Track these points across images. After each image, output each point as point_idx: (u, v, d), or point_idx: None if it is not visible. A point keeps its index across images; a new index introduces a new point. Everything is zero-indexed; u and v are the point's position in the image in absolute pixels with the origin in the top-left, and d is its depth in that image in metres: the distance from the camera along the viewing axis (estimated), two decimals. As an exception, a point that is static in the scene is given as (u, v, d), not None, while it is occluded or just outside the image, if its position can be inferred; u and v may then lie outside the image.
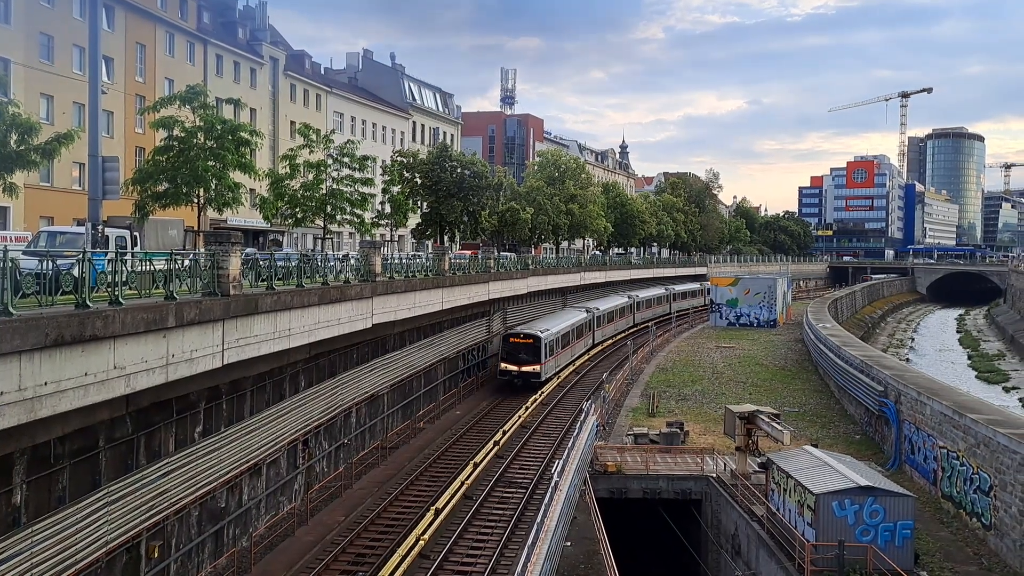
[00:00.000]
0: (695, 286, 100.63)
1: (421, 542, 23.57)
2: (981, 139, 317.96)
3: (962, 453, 26.85)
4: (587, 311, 62.05)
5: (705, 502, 30.62)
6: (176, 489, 18.90)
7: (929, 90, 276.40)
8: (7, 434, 13.11)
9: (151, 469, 18.02)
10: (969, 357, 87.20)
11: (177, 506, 18.81)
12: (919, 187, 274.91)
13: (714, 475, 30.57)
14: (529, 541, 19.32)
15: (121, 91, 49.13)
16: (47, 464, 15.04)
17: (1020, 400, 60.36)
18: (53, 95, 44.01)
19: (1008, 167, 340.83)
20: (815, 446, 29.37)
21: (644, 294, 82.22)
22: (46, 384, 13.02)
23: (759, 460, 29.08)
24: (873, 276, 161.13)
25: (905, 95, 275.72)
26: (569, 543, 24.26)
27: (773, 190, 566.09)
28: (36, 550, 14.48)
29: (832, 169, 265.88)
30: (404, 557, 22.36)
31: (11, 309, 12.69)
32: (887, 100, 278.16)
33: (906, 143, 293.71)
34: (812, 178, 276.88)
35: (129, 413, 17.21)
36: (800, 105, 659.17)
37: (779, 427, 28.42)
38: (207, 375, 18.93)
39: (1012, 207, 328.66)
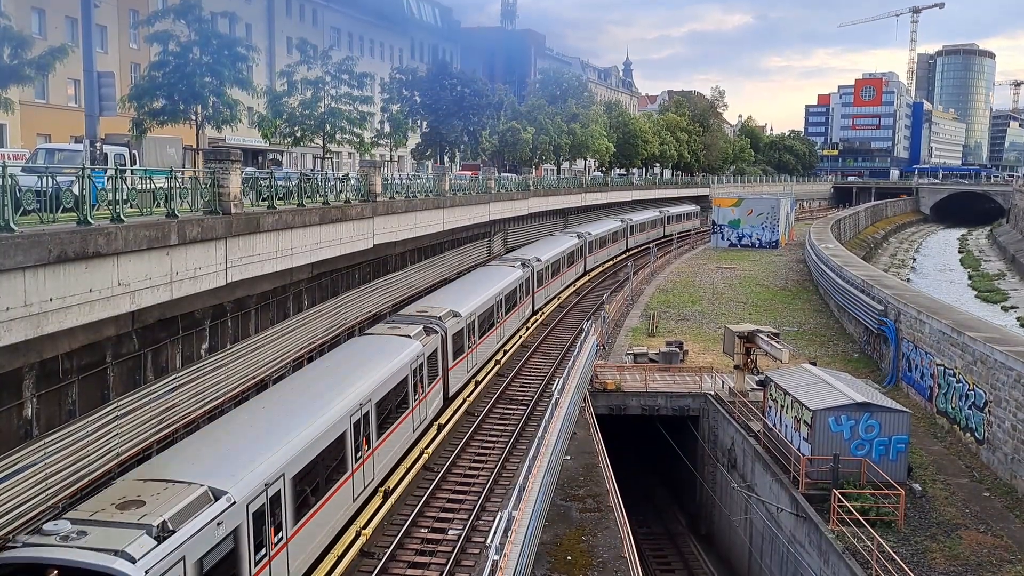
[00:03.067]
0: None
1: (425, 455, 24.10)
2: (992, 56, 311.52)
3: (959, 370, 27.21)
4: (415, 336, 24.77)
5: (703, 418, 31.22)
6: (185, 404, 19.22)
7: (941, 5, 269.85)
8: (15, 349, 13.27)
9: (159, 384, 18.30)
10: (970, 277, 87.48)
11: (187, 419, 19.16)
12: (927, 105, 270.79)
13: (712, 393, 31.07)
14: (530, 454, 19.77)
15: (114, 5, 47.91)
16: (56, 379, 15.26)
17: (1018, 319, 60.83)
18: (44, 9, 42.99)
19: (1017, 85, 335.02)
20: (813, 364, 29.76)
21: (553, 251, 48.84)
22: (51, 300, 13.10)
23: (757, 378, 29.51)
24: (906, 196, 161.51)
25: (916, 10, 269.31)
26: (569, 457, 24.82)
27: (779, 109, 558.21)
28: (49, 461, 14.84)
29: (840, 87, 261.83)
30: (409, 469, 22.91)
31: (12, 225, 12.68)
32: (898, 16, 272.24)
33: (915, 60, 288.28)
34: (819, 96, 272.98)
35: (135, 330, 17.38)
36: (808, 20, 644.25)
37: (778, 346, 28.75)
38: (211, 293, 19.04)
39: (1020, 126, 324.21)
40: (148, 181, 17.06)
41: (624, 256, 67.59)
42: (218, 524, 12.94)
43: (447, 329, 26.95)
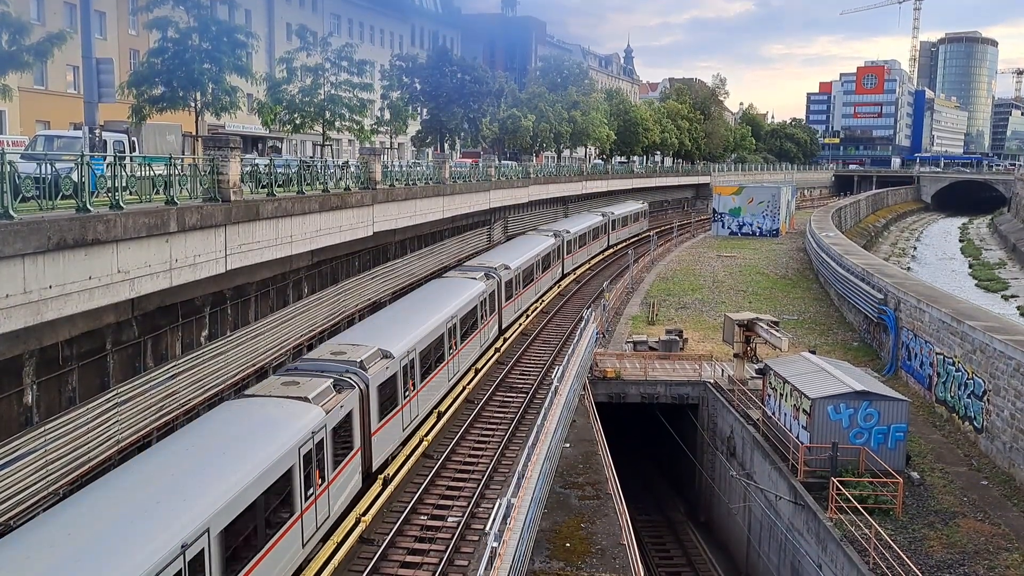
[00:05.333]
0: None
1: (424, 443, 24.16)
2: (995, 44, 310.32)
3: (958, 359, 27.22)
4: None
5: (702, 407, 31.26)
6: (185, 391, 19.27)
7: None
8: (15, 336, 13.29)
9: (159, 371, 18.33)
10: (970, 266, 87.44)
11: (186, 407, 19.20)
12: (929, 93, 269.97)
13: (711, 381, 31.10)
14: (529, 442, 19.78)
15: (112, -9, 47.72)
16: (56, 366, 15.29)
17: (1018, 308, 60.83)
18: (42, -5, 42.81)
19: (1020, 73, 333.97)
20: (813, 353, 29.78)
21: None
22: (51, 287, 13.11)
23: (757, 366, 29.53)
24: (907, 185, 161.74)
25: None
26: (568, 444, 24.86)
27: (781, 96, 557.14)
28: (50, 448, 14.88)
29: (842, 75, 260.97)
30: (408, 457, 22.96)
31: (12, 212, 12.67)
32: (900, 3, 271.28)
33: (918, 48, 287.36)
34: (821, 84, 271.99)
35: (135, 317, 17.39)
36: (810, 7, 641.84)
37: (777, 334, 28.75)
38: (211, 280, 19.05)
39: (1022, 114, 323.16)
40: (147, 168, 17.03)
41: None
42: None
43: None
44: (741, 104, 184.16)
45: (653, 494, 33.24)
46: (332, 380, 18.75)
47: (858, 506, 19.94)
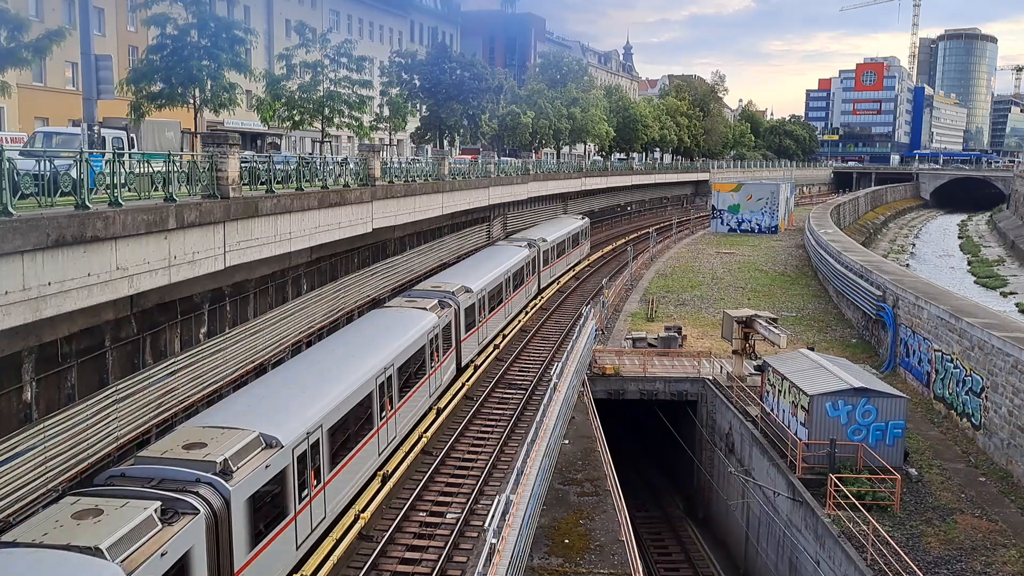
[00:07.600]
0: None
1: (424, 439, 24.19)
2: (994, 40, 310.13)
3: (956, 356, 27.27)
4: None
5: (701, 403, 31.30)
6: (184, 387, 19.28)
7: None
8: (14, 333, 13.30)
9: (157, 368, 18.34)
10: (969, 263, 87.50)
11: (185, 403, 19.21)
12: (928, 90, 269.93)
13: (710, 377, 31.13)
14: (528, 438, 19.82)
15: (110, -13, 47.64)
16: (55, 363, 15.30)
17: (1017, 305, 60.87)
18: (41, -9, 42.73)
19: (1019, 70, 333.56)
20: (811, 349, 29.82)
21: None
22: (50, 284, 13.11)
23: (755, 363, 29.57)
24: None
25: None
26: (567, 441, 24.90)
27: (780, 93, 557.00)
28: (48, 444, 14.90)
29: (841, 71, 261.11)
30: (408, 453, 23.00)
31: (10, 209, 12.66)
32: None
33: (917, 44, 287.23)
34: (820, 80, 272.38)
35: (134, 314, 17.40)
36: (809, 3, 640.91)
37: (776, 331, 28.77)
38: (210, 277, 19.05)
39: (1021, 111, 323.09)
40: (146, 165, 17.02)
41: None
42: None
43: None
44: (740, 101, 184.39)
45: (652, 490, 33.29)
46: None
47: (856, 502, 19.99)
